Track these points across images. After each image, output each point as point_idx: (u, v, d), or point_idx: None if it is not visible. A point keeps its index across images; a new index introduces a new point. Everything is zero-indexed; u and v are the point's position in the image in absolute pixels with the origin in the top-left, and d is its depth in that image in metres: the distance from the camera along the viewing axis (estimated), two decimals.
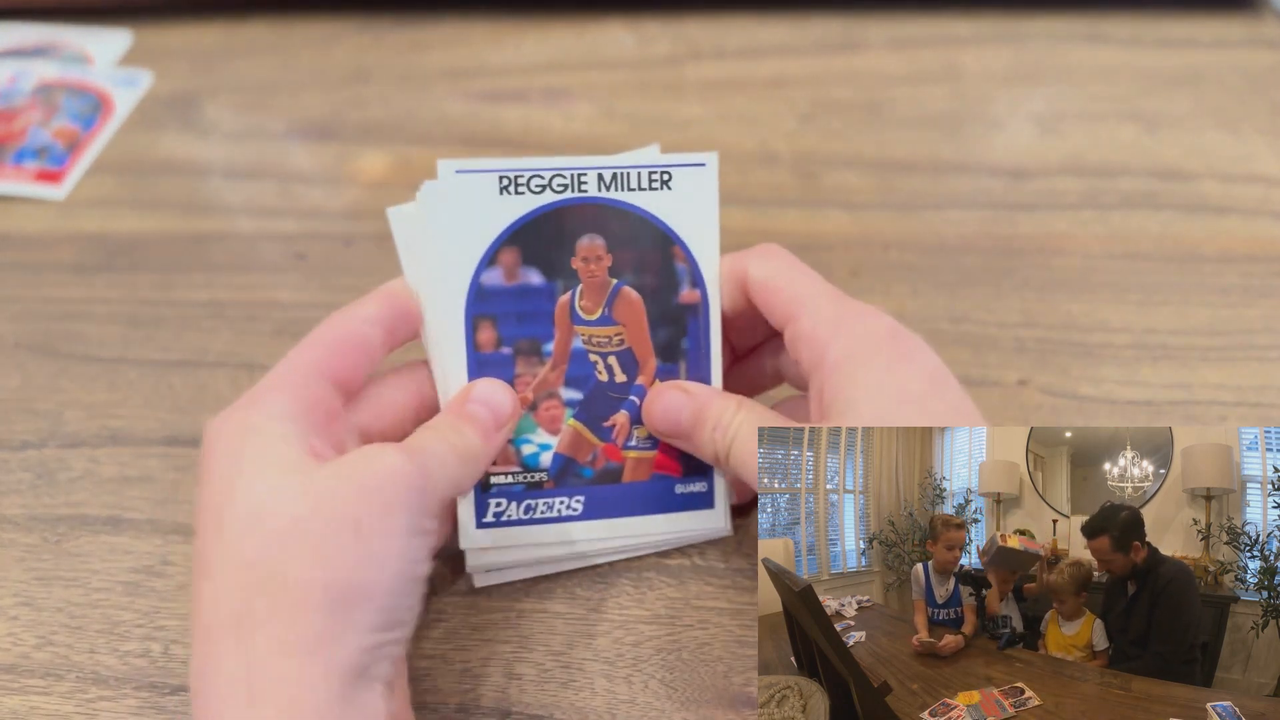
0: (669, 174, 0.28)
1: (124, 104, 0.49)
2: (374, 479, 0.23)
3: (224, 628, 0.21)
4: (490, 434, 0.26)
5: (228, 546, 0.22)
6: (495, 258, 0.28)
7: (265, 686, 0.21)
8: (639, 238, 0.28)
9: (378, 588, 0.22)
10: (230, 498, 0.22)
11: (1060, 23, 0.51)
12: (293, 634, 0.21)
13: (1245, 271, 0.39)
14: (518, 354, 0.28)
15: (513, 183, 0.27)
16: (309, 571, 0.21)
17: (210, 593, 0.22)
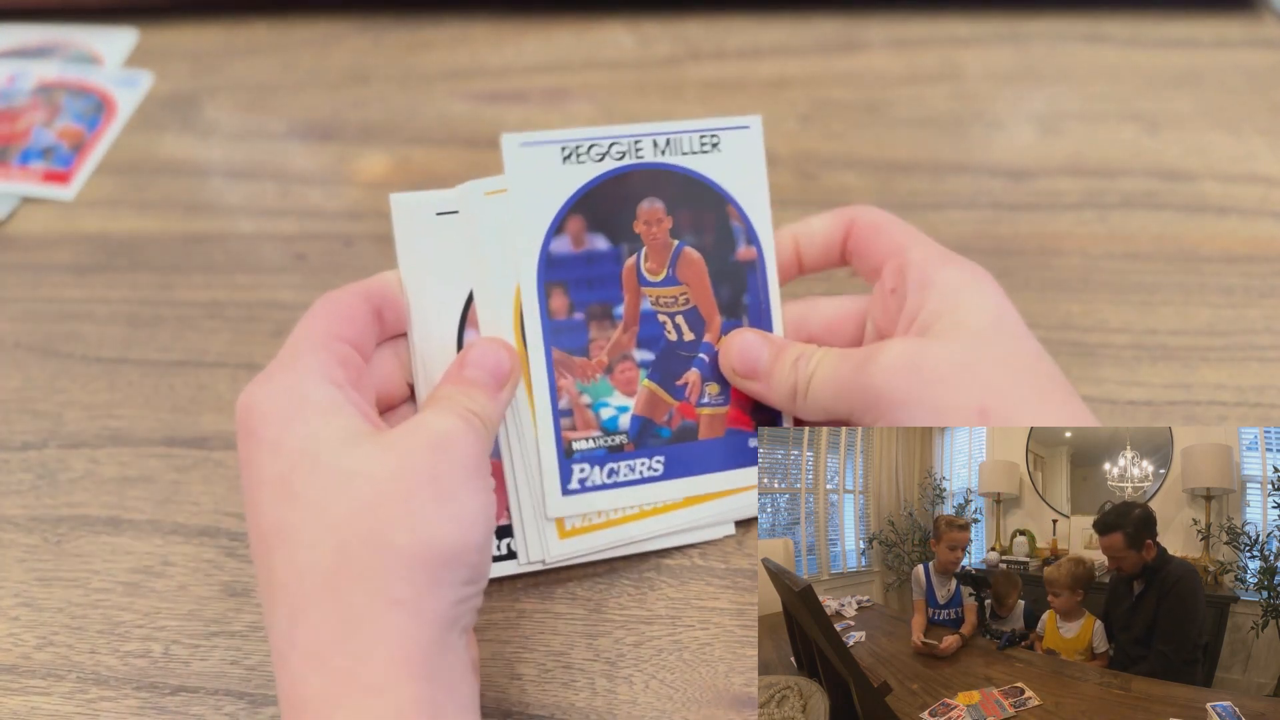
0: (716, 137, 0.29)
1: (126, 105, 0.49)
2: (445, 442, 0.24)
3: (319, 586, 0.22)
4: (495, 394, 0.26)
5: (311, 512, 0.23)
6: (562, 225, 0.28)
7: (371, 637, 0.22)
8: (695, 199, 0.29)
9: (467, 545, 0.23)
10: (306, 464, 0.23)
11: (1060, 23, 0.51)
12: (395, 590, 0.22)
13: (1245, 272, 0.39)
14: (590, 319, 0.29)
15: (574, 152, 0.29)
16: (404, 533, 0.22)
17: (295, 556, 0.22)
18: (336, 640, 0.22)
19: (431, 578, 0.22)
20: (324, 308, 0.26)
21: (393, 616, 0.22)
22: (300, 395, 0.24)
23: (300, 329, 0.26)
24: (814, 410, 0.28)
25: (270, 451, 0.23)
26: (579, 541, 0.29)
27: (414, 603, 0.22)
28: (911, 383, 0.26)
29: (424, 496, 0.23)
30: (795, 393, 0.28)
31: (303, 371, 0.24)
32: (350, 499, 0.23)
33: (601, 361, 0.29)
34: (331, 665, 0.22)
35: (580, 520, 0.29)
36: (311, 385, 0.24)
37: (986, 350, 0.27)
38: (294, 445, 0.23)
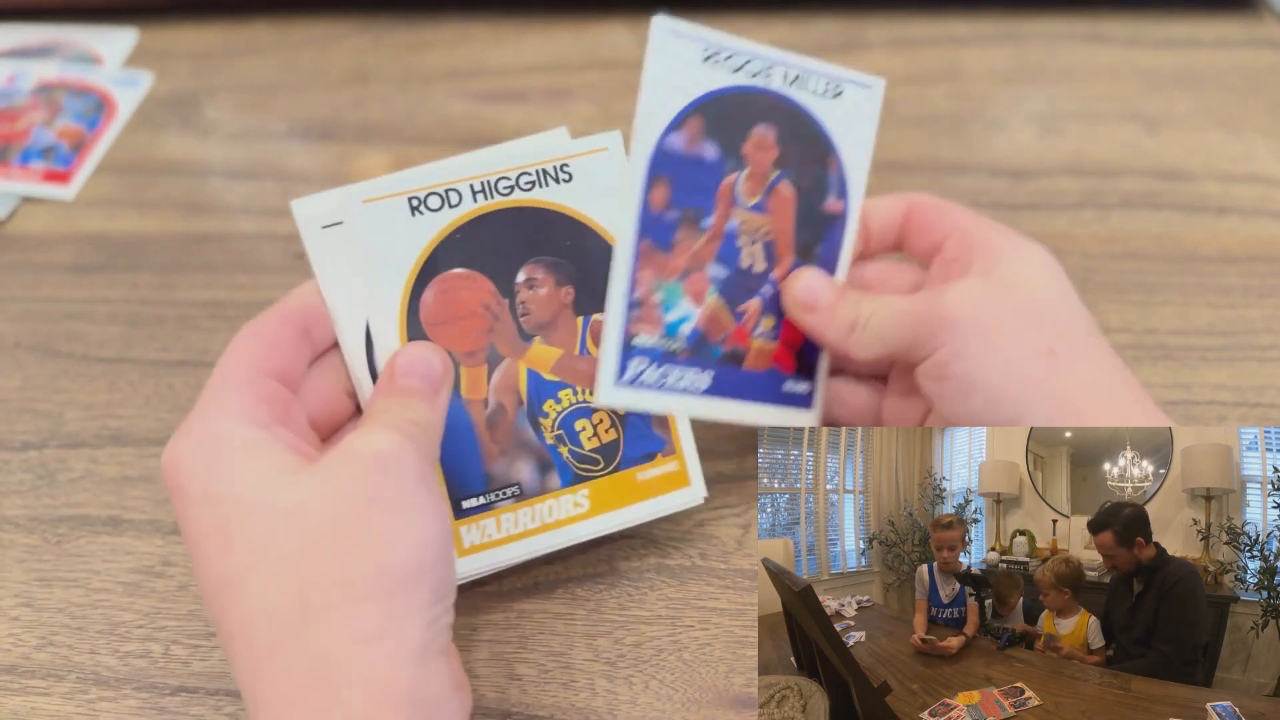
0: (841, 88, 0.30)
1: (126, 104, 0.49)
2: (384, 461, 0.23)
3: (280, 632, 0.21)
4: (432, 398, 0.25)
5: (253, 557, 0.22)
6: (683, 122, 0.28)
7: (344, 678, 0.21)
8: (805, 139, 0.30)
9: (425, 564, 0.22)
10: (239, 509, 0.22)
11: (1060, 23, 0.51)
12: (362, 626, 0.21)
13: (1245, 271, 0.39)
14: (682, 220, 0.28)
15: (715, 55, 0.29)
16: (359, 565, 0.22)
17: (246, 605, 0.22)
18: (308, 685, 0.21)
19: (397, 607, 0.22)
20: (244, 342, 0.25)
21: (364, 655, 0.21)
22: (221, 441, 0.23)
23: (218, 370, 0.25)
24: (869, 344, 0.28)
25: (200, 503, 0.22)
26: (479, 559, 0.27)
27: (383, 637, 0.21)
28: (985, 313, 0.26)
29: (372, 522, 0.22)
30: (854, 326, 0.28)
31: (219, 417, 0.23)
32: (292, 538, 0.22)
33: (679, 264, 0.28)
34: (307, 709, 0.21)
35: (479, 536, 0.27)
36: (231, 429, 0.23)
37: (1053, 302, 0.27)
38: (223, 492, 0.22)
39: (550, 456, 0.28)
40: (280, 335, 0.25)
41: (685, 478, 0.29)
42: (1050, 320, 0.27)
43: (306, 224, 0.27)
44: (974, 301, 0.27)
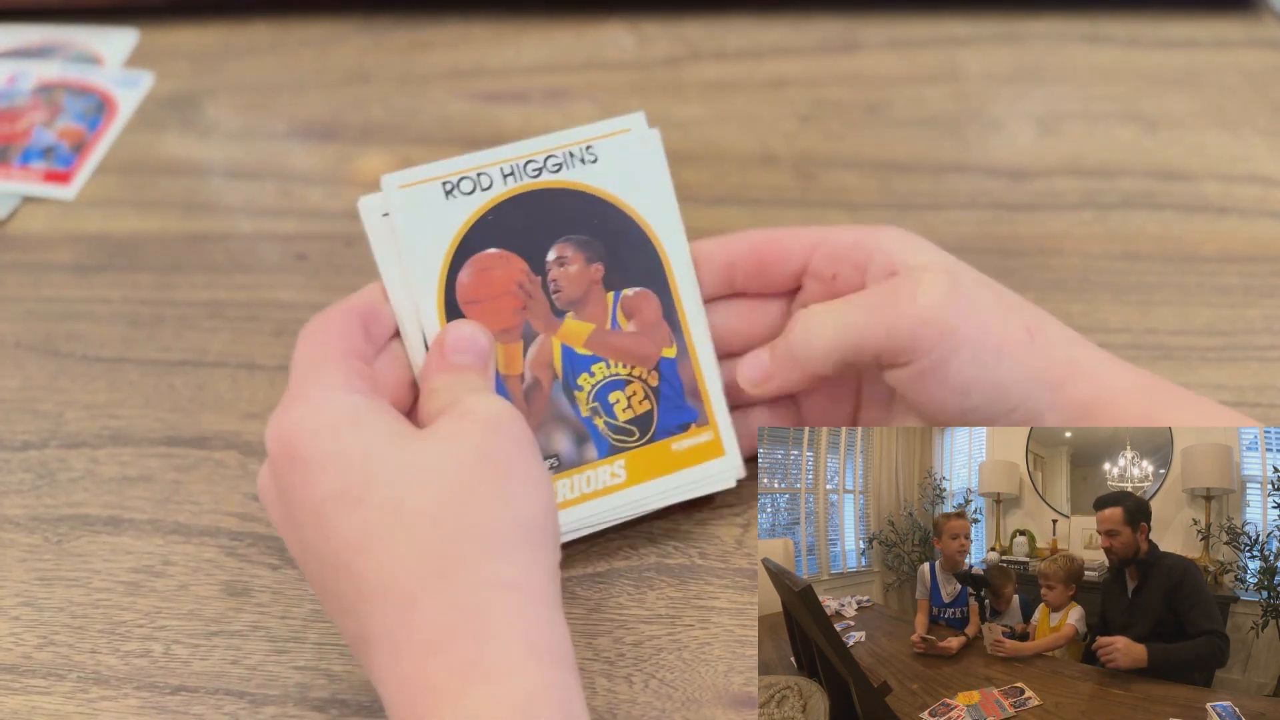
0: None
1: (127, 104, 0.49)
2: (495, 421, 0.24)
3: (426, 579, 0.22)
4: (483, 372, 0.27)
5: (388, 513, 0.22)
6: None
7: (490, 623, 0.22)
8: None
9: (550, 516, 0.24)
10: (368, 470, 0.23)
11: (1060, 23, 0.51)
12: (503, 573, 0.22)
13: (1245, 271, 0.39)
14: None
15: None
16: (493, 516, 0.23)
17: (385, 558, 0.22)
18: (455, 628, 0.22)
19: (531, 555, 0.23)
20: (319, 330, 0.26)
21: (508, 600, 0.22)
22: (338, 408, 0.24)
23: (304, 353, 0.25)
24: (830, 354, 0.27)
25: (321, 468, 0.23)
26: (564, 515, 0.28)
27: (524, 583, 0.23)
28: (961, 307, 0.26)
29: (496, 476, 0.23)
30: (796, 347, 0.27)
31: (331, 387, 0.24)
32: (424, 493, 0.23)
33: None
34: (453, 653, 0.22)
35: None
36: (345, 397, 0.24)
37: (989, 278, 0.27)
38: (351, 455, 0.23)
39: (586, 429, 0.29)
40: (347, 325, 0.26)
41: (719, 448, 0.29)
42: (1010, 303, 0.27)
43: (368, 214, 0.28)
44: (946, 301, 0.26)
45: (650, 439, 0.29)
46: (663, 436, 0.29)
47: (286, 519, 0.24)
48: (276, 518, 0.25)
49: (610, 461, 0.29)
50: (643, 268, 0.29)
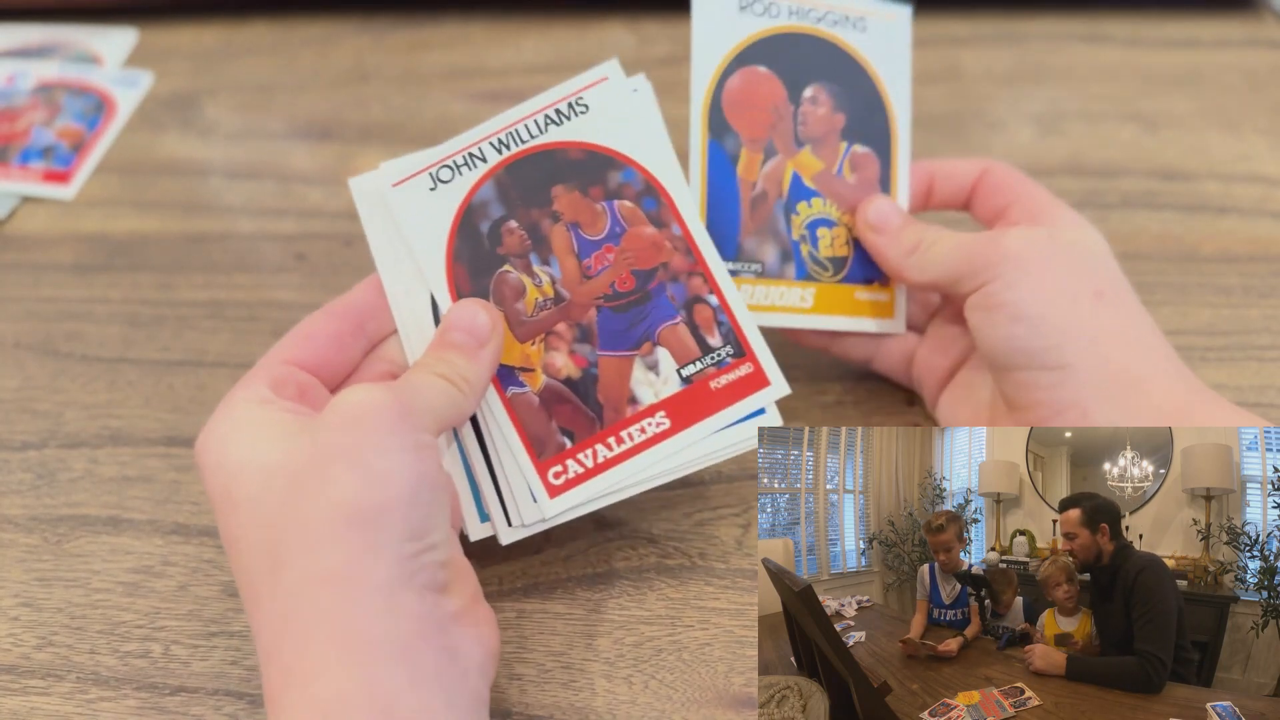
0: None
1: (126, 104, 0.49)
2: (351, 410, 0.24)
3: (262, 581, 0.23)
4: (475, 353, 0.26)
5: (241, 514, 0.23)
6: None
7: (308, 621, 0.22)
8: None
9: (387, 501, 0.23)
10: (240, 474, 0.24)
11: (1060, 23, 0.51)
12: (325, 562, 0.22)
13: (1245, 271, 0.39)
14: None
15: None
16: (321, 505, 0.22)
17: (242, 559, 0.23)
18: (281, 629, 0.22)
19: (358, 546, 0.22)
20: (285, 338, 0.27)
21: (326, 593, 0.22)
22: (230, 419, 0.25)
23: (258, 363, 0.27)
24: (926, 267, 0.30)
25: (211, 475, 0.24)
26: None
27: (346, 573, 0.22)
28: (1040, 253, 0.29)
29: (324, 464, 0.23)
30: (915, 248, 0.31)
31: (238, 400, 0.25)
32: (274, 491, 0.23)
33: None
34: (278, 660, 0.22)
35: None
36: (240, 409, 0.25)
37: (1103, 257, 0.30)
38: (230, 461, 0.24)
39: (792, 250, 0.32)
40: (320, 328, 0.27)
41: (890, 309, 0.33)
42: (1101, 270, 0.30)
43: (364, 196, 0.28)
44: (1031, 243, 0.29)
45: (842, 279, 0.32)
46: (851, 281, 0.32)
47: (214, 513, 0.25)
48: None
49: (803, 286, 0.32)
50: (876, 132, 0.33)
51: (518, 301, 0.28)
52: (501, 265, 0.28)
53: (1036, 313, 0.28)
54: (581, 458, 0.28)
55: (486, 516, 0.28)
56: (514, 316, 0.28)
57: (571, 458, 0.28)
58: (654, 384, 0.28)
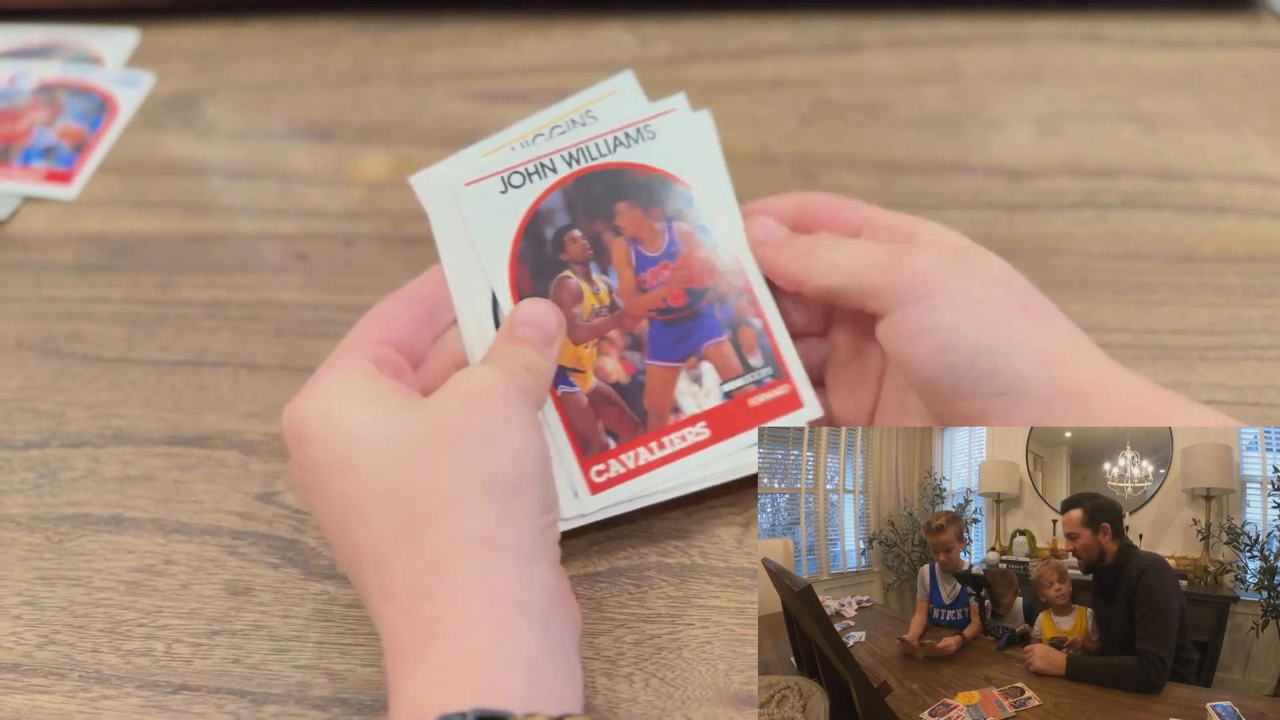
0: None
1: (127, 104, 0.49)
2: (478, 390, 0.25)
3: (398, 541, 0.23)
4: (544, 349, 0.28)
5: (371, 479, 0.24)
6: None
7: (454, 579, 0.23)
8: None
9: (524, 474, 0.24)
10: (358, 442, 0.24)
11: (1059, 23, 0.51)
12: (469, 528, 0.23)
13: (1244, 271, 0.39)
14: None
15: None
16: (464, 472, 0.24)
17: (369, 522, 0.24)
18: (422, 587, 0.23)
19: (500, 511, 0.23)
20: (366, 319, 0.28)
21: (472, 553, 0.23)
22: (339, 392, 0.25)
23: (343, 341, 0.27)
24: (832, 269, 0.28)
25: (323, 443, 0.25)
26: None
27: (491, 538, 0.23)
28: (960, 273, 0.27)
29: (459, 439, 0.24)
30: (808, 253, 0.29)
31: (338, 375, 0.26)
32: (402, 459, 0.24)
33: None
34: (419, 612, 0.23)
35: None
36: (348, 383, 0.26)
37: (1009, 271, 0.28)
38: (343, 430, 0.25)
39: None
40: (400, 312, 0.28)
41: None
42: (1017, 284, 0.28)
43: (429, 192, 0.29)
44: (948, 265, 0.27)
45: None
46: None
47: (305, 492, 0.26)
48: (300, 493, 0.27)
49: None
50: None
51: (575, 306, 0.29)
52: (562, 270, 0.29)
53: (971, 338, 0.26)
54: (624, 458, 0.29)
55: None
56: (571, 320, 0.29)
57: (614, 457, 0.29)
58: (697, 396, 0.30)
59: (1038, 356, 0.26)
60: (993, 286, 0.27)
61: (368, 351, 0.27)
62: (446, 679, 0.22)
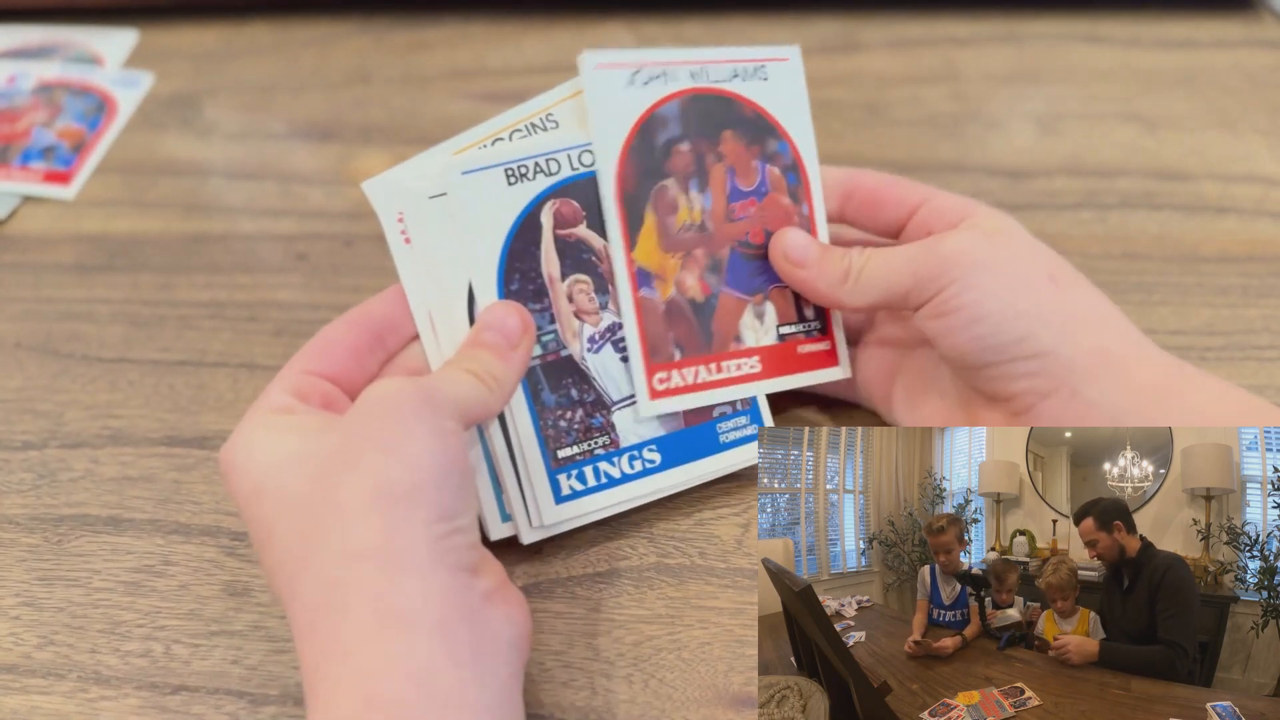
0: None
1: (127, 105, 0.49)
2: (377, 402, 0.24)
3: (298, 563, 0.23)
4: (506, 354, 0.27)
5: (270, 503, 0.24)
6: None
7: (348, 591, 0.22)
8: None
9: (418, 482, 0.23)
10: (271, 469, 0.24)
11: (1059, 23, 0.51)
12: (356, 540, 0.23)
13: (1244, 271, 0.39)
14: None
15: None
16: (356, 484, 0.23)
17: (276, 546, 0.24)
18: (320, 606, 0.23)
19: (392, 523, 0.23)
20: (305, 347, 0.28)
21: (363, 567, 0.22)
22: (259, 423, 0.26)
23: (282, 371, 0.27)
24: (863, 292, 0.30)
25: (241, 471, 0.25)
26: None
27: (378, 550, 0.22)
28: (987, 251, 0.28)
29: (356, 449, 0.24)
30: (847, 275, 0.30)
31: (261, 408, 0.26)
32: (304, 476, 0.24)
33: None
34: (316, 636, 0.22)
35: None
36: (266, 414, 0.26)
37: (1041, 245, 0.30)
38: (257, 457, 0.25)
39: None
40: (338, 338, 0.28)
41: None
42: (1042, 254, 0.29)
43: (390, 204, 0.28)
44: (971, 243, 0.28)
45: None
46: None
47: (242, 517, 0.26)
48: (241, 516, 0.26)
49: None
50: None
51: (670, 215, 0.30)
52: (665, 179, 0.30)
53: (998, 308, 0.28)
54: (685, 373, 0.30)
55: (508, 516, 0.29)
56: (665, 228, 0.30)
57: (677, 369, 0.30)
58: (756, 330, 0.31)
59: (1062, 322, 0.28)
60: (1018, 259, 0.29)
61: (291, 382, 0.27)
62: (341, 700, 0.21)
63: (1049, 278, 0.28)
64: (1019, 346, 0.28)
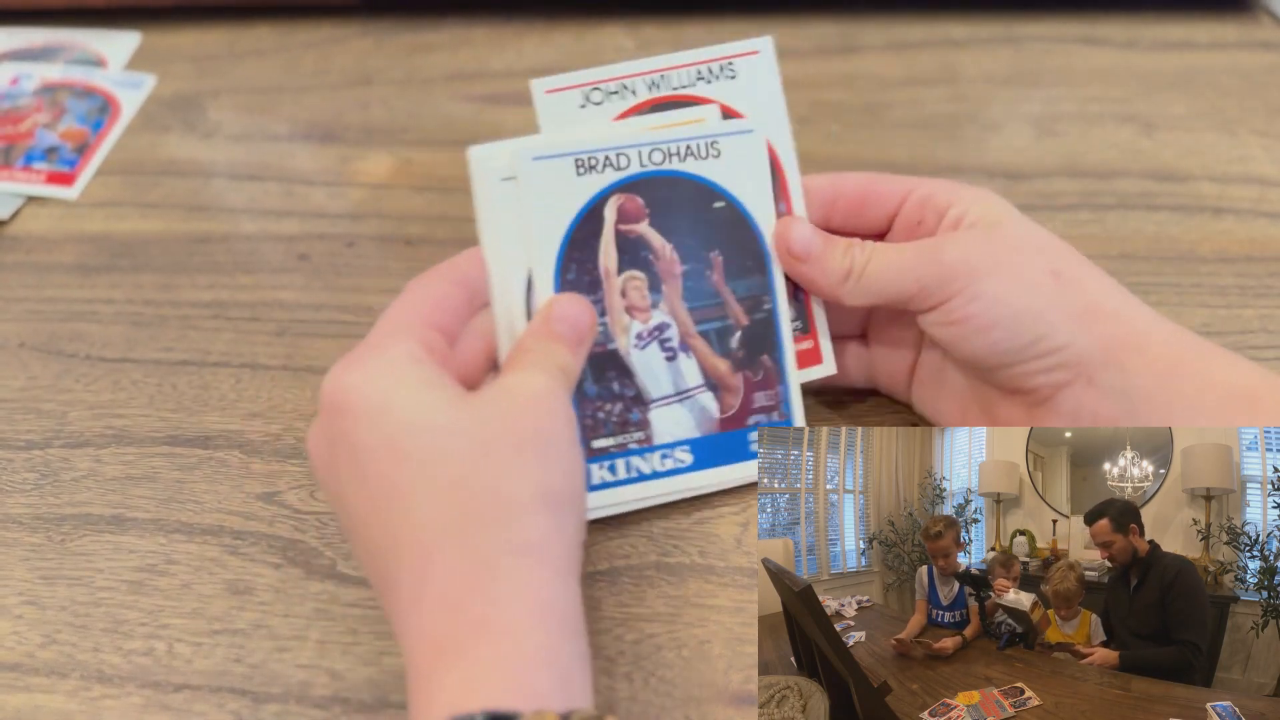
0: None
1: (129, 106, 0.49)
2: (541, 398, 0.25)
3: (447, 536, 0.23)
4: (576, 349, 0.28)
5: (424, 469, 0.24)
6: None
7: (502, 583, 0.23)
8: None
9: (574, 491, 0.25)
10: (413, 428, 0.24)
11: (1057, 25, 0.51)
12: (521, 536, 0.23)
13: (1241, 272, 0.39)
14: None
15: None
16: (521, 483, 0.24)
17: (416, 511, 0.23)
18: (469, 586, 0.23)
19: (551, 524, 0.24)
20: (413, 295, 0.27)
21: (522, 563, 0.23)
22: (394, 372, 0.25)
23: (387, 317, 0.27)
24: (864, 292, 0.29)
25: (371, 422, 0.24)
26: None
27: (540, 549, 0.23)
28: (989, 256, 0.28)
29: (519, 447, 0.24)
30: (849, 274, 0.29)
31: (396, 353, 0.25)
32: (461, 455, 0.24)
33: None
34: (464, 610, 0.23)
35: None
36: (403, 363, 0.25)
37: (1040, 234, 0.29)
38: (398, 413, 0.24)
39: None
40: (447, 294, 0.27)
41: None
42: (1047, 248, 0.29)
43: (481, 171, 0.28)
44: (976, 248, 0.28)
45: None
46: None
47: (330, 468, 0.25)
48: (320, 467, 0.26)
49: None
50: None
51: None
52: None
53: (1007, 314, 0.27)
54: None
55: None
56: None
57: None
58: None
59: (1070, 317, 0.28)
60: (1020, 254, 0.28)
61: (418, 333, 0.26)
62: (492, 677, 0.22)
63: (1053, 274, 0.28)
64: (1031, 348, 0.28)
